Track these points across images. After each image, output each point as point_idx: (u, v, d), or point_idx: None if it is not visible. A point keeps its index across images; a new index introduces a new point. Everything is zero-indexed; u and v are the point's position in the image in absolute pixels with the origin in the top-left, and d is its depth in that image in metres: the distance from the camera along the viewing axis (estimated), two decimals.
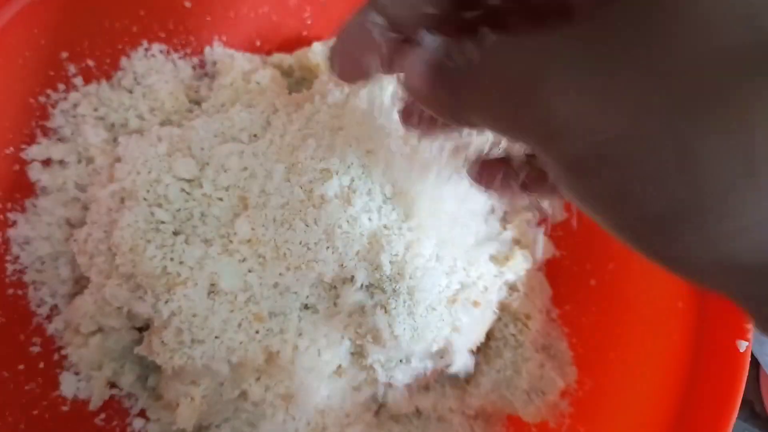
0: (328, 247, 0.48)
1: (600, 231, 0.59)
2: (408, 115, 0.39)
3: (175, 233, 0.50)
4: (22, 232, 0.54)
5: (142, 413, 0.56)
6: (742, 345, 0.44)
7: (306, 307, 0.52)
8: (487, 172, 0.37)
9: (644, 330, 0.52)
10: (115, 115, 0.59)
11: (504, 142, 0.38)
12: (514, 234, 0.55)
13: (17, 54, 0.53)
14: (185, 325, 0.48)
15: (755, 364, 0.67)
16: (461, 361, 0.50)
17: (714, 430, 0.43)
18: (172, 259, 0.49)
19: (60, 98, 0.57)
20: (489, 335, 0.55)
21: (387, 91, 0.54)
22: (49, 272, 0.55)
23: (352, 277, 0.50)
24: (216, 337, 0.49)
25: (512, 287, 0.55)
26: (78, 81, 0.58)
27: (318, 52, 0.62)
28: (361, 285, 0.50)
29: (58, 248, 0.56)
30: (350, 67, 0.33)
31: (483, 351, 0.56)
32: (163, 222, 0.50)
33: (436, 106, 0.28)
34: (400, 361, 0.51)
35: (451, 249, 0.49)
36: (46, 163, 0.57)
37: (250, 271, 0.50)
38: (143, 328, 0.54)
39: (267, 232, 0.49)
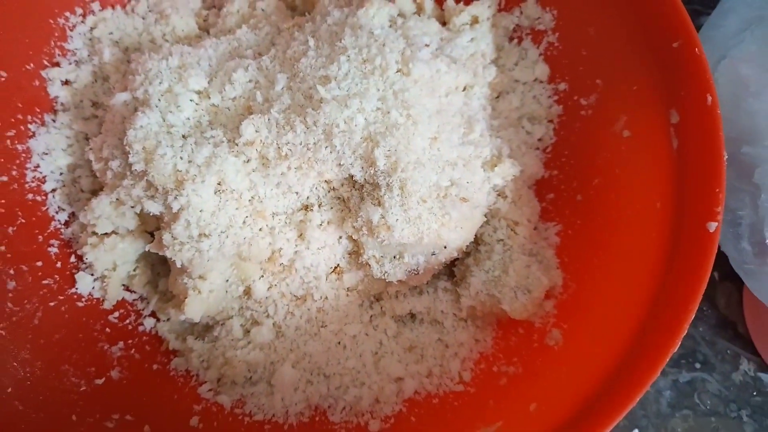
0: (326, 147, 0.51)
1: (587, 150, 0.63)
2: None
3: (185, 136, 0.54)
4: (42, 143, 0.58)
5: (153, 315, 0.59)
6: (712, 226, 0.47)
7: (307, 207, 0.55)
8: None
9: (626, 233, 0.55)
10: (129, 39, 0.62)
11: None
12: (503, 145, 0.59)
13: None
14: (193, 219, 0.51)
15: (738, 287, 0.70)
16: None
17: (687, 303, 0.46)
18: (181, 158, 0.52)
19: (77, 21, 0.61)
20: (479, 240, 0.59)
21: (383, 12, 0.58)
22: (67, 182, 0.59)
23: (350, 176, 0.53)
24: (222, 232, 0.52)
25: (501, 194, 0.58)
26: (95, 6, 0.62)
27: None
28: (357, 183, 0.53)
29: (76, 160, 0.60)
30: None
31: (473, 255, 0.59)
32: (173, 126, 0.54)
33: None
34: (394, 256, 0.54)
35: (442, 149, 0.52)
36: (65, 81, 0.60)
37: (254, 171, 0.53)
38: (155, 232, 0.58)
39: (270, 135, 0.52)
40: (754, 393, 0.67)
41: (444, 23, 0.65)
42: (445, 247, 0.54)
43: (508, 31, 0.66)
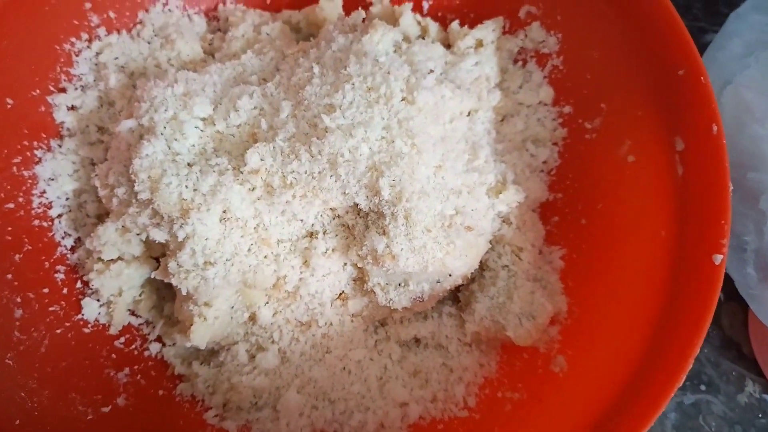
0: (331, 176, 0.52)
1: (591, 174, 0.63)
2: None
3: (190, 165, 0.54)
4: (48, 169, 0.58)
5: (159, 339, 0.60)
6: (718, 258, 0.47)
7: (312, 234, 0.55)
8: None
9: (630, 259, 0.55)
10: (135, 64, 0.63)
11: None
12: (507, 170, 0.59)
13: (44, 1, 0.57)
14: (199, 247, 0.52)
15: (743, 308, 0.70)
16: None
17: (694, 333, 0.46)
18: (186, 187, 0.52)
19: (83, 47, 0.61)
20: (484, 266, 0.59)
21: (388, 37, 0.58)
22: (73, 207, 0.60)
23: (355, 204, 0.53)
24: (227, 260, 0.52)
25: (505, 220, 0.58)
26: (101, 31, 0.62)
27: (325, 7, 0.66)
28: (362, 211, 0.53)
29: (82, 185, 0.60)
30: None
31: (478, 281, 0.59)
32: (178, 154, 0.54)
33: None
34: (399, 284, 0.54)
35: (447, 177, 0.52)
36: (71, 107, 0.61)
37: (259, 199, 0.53)
38: (160, 258, 0.58)
39: (275, 163, 0.53)
40: (760, 415, 0.67)
41: (448, 46, 0.65)
42: (449, 275, 0.54)
43: (512, 54, 0.66)
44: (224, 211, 0.53)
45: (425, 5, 0.69)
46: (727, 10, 0.86)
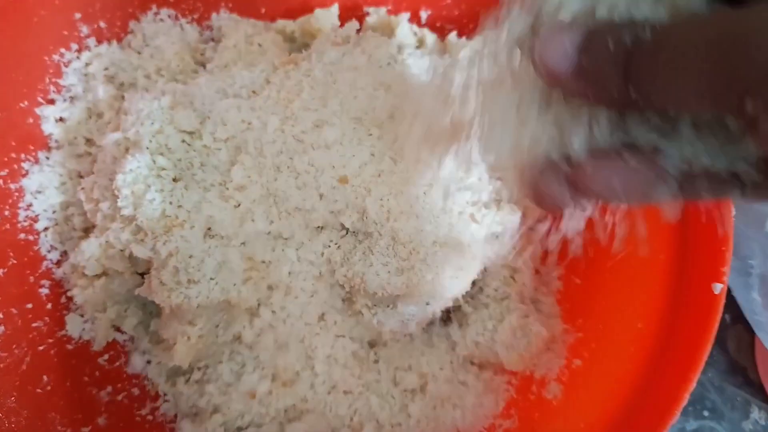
0: (318, 194, 0.50)
1: None
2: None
3: (175, 180, 0.53)
4: (36, 181, 0.58)
5: (142, 356, 0.58)
6: (717, 287, 0.44)
7: (297, 253, 0.54)
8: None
9: (628, 282, 0.53)
10: (124, 75, 0.62)
11: None
12: (503, 188, 0.57)
13: (33, 12, 0.56)
14: (182, 265, 0.50)
15: (750, 330, 0.67)
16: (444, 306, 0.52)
17: (689, 366, 0.44)
18: (170, 203, 0.51)
19: (73, 57, 0.60)
20: (476, 288, 0.57)
21: (381, 51, 0.57)
22: (60, 220, 0.59)
23: (342, 224, 0.52)
24: (211, 279, 0.51)
25: (500, 239, 0.56)
26: (90, 41, 0.61)
27: (320, 17, 0.64)
28: (349, 231, 0.52)
29: (69, 198, 0.59)
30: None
31: (470, 303, 0.57)
32: (164, 169, 0.53)
33: (596, 91, 0.25)
34: (387, 306, 0.53)
35: (437, 196, 0.50)
36: (59, 118, 0.60)
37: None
38: (145, 274, 0.57)
39: (260, 179, 0.51)
40: None
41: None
42: (439, 298, 0.52)
43: None
44: (208, 228, 0.52)
45: (423, 15, 0.67)
46: None
